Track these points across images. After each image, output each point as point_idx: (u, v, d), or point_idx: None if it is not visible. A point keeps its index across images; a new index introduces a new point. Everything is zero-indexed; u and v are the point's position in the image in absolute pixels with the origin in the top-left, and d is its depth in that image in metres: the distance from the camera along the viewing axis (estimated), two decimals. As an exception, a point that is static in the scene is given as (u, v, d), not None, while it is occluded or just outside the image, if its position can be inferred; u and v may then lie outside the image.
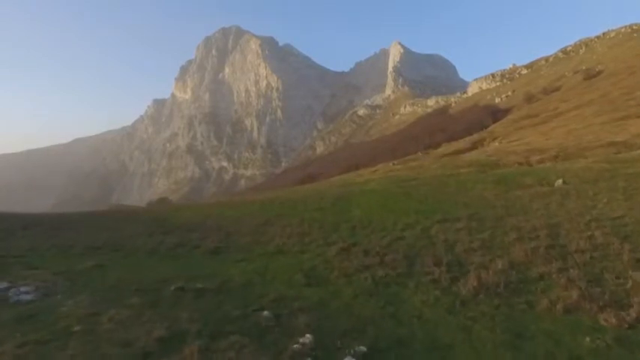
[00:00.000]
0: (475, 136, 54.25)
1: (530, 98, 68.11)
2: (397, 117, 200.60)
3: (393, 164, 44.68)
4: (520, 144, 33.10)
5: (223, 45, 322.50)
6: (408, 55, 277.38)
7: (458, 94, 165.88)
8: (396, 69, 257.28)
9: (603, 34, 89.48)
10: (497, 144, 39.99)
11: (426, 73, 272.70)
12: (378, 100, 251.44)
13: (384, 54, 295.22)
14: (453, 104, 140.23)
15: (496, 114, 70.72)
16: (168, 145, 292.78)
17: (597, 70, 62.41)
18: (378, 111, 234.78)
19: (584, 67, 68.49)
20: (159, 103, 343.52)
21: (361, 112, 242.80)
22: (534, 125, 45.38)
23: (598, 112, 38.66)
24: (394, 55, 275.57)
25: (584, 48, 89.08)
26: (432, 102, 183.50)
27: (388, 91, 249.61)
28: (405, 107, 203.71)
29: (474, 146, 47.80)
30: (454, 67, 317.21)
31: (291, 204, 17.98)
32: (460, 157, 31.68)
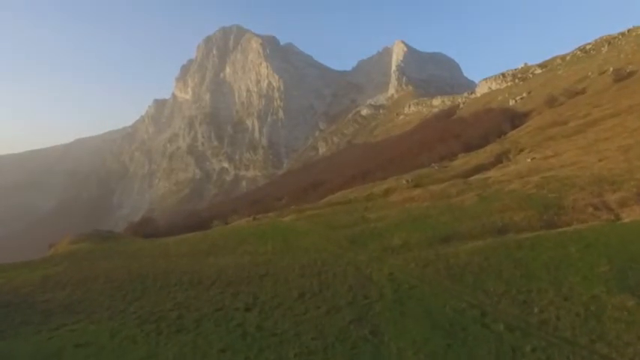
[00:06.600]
0: (496, 146, 48.96)
1: (551, 101, 62.57)
2: (402, 117, 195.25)
3: (407, 182, 39.48)
4: (564, 164, 27.74)
5: (224, 44, 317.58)
6: (411, 53, 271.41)
7: (465, 94, 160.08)
8: (399, 68, 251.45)
9: (628, 30, 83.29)
10: (529, 160, 34.62)
11: (430, 72, 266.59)
12: (381, 99, 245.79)
13: (387, 52, 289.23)
14: (461, 105, 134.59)
15: (514, 119, 65.32)
16: (168, 145, 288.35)
17: (628, 70, 56.80)
18: (381, 111, 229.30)
19: (611, 68, 62.82)
20: (159, 103, 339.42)
21: (364, 111, 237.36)
22: (568, 136, 39.98)
23: (648, 122, 33.24)
24: (397, 54, 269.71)
25: (606, 46, 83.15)
26: (437, 102, 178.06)
27: (392, 91, 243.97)
28: (409, 107, 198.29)
29: (497, 159, 42.57)
30: (458, 66, 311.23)
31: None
32: (497, 184, 26.26)
